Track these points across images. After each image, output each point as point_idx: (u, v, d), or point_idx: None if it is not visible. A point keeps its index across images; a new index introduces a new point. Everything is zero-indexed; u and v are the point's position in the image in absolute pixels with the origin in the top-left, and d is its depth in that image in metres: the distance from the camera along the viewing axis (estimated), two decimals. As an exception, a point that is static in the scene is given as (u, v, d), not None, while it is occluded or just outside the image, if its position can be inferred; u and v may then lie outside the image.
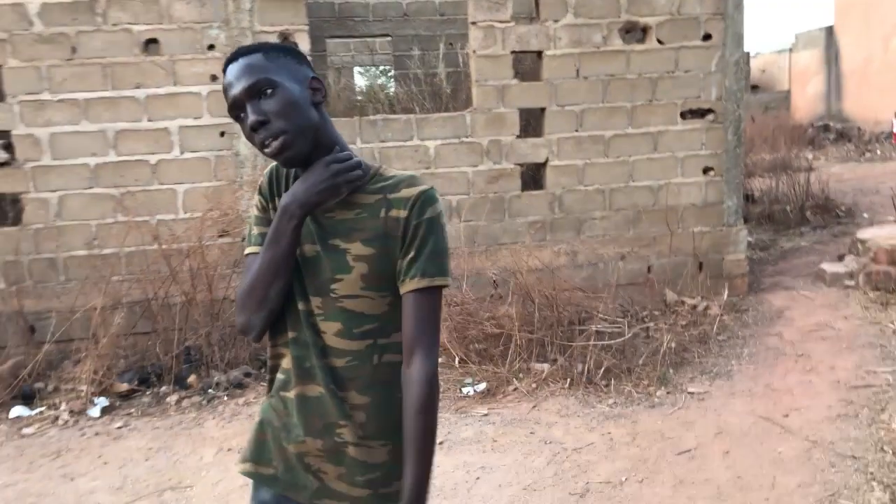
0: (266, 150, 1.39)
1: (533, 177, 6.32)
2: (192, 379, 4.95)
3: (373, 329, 1.44)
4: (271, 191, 1.54)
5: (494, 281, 5.69)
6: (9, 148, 5.41)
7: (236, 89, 1.39)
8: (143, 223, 5.48)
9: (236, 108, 1.41)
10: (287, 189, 1.49)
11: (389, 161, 5.87)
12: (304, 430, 1.47)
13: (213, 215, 5.46)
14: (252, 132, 1.39)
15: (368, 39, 9.99)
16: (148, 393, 4.87)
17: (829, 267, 6.57)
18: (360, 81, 15.20)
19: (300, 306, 1.46)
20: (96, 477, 3.83)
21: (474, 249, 5.96)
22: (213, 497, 3.55)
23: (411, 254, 1.40)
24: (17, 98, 5.37)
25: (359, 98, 9.23)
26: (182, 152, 5.59)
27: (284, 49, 1.46)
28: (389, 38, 9.69)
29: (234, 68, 1.41)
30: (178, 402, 4.74)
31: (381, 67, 16.18)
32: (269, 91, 1.38)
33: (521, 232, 6.07)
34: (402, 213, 1.41)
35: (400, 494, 1.41)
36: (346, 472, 1.47)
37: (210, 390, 4.87)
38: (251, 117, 1.37)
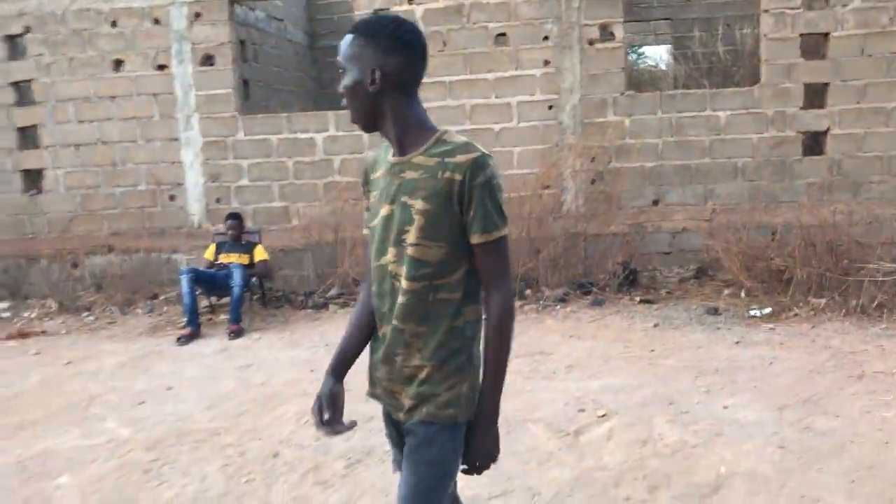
0: None
1: (812, 144, 7.14)
2: (528, 292, 6.55)
3: (429, 273, 1.66)
4: (365, 177, 1.86)
5: (774, 232, 6.67)
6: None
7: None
8: (489, 176, 7.17)
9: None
10: (373, 175, 1.81)
11: (683, 129, 7.04)
12: (381, 360, 1.77)
13: (540, 172, 7.01)
14: None
15: (652, 23, 11.09)
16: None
17: None
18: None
19: (379, 261, 1.73)
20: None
21: (755, 205, 6.95)
22: (566, 357, 5.03)
23: (472, 212, 1.63)
24: (403, 81, 7.27)
25: (646, 75, 10.39)
26: (518, 122, 7.19)
27: (368, 31, 1.66)
28: (670, 21, 10.72)
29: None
30: (521, 307, 6.34)
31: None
32: (342, 72, 1.69)
33: (800, 192, 6.95)
34: (458, 177, 1.61)
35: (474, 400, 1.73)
36: (406, 388, 1.73)
37: (541, 302, 6.43)
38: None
